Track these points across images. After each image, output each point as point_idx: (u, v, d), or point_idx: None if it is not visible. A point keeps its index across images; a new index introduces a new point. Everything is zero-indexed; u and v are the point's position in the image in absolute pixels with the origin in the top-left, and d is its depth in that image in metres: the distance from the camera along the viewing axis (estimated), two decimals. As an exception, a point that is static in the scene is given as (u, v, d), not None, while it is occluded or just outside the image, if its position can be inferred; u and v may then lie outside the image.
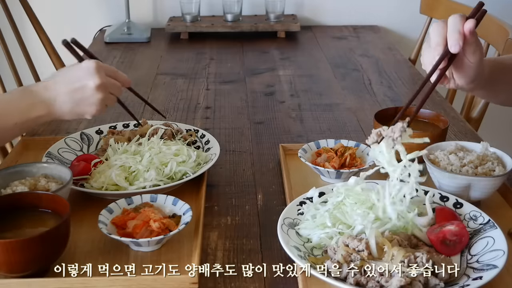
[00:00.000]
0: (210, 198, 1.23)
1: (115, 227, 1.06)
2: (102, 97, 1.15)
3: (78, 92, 1.13)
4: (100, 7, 2.61)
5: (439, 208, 1.09)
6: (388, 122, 1.30)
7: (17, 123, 1.12)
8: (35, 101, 1.12)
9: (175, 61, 2.18)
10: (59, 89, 1.13)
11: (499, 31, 1.85)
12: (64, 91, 1.13)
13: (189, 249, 1.05)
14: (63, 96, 1.13)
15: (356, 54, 2.23)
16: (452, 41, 1.02)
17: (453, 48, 1.01)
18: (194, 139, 1.40)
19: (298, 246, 1.01)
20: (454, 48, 1.01)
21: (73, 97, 1.13)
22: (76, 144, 1.36)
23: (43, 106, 1.13)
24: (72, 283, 0.95)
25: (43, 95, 1.12)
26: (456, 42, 1.01)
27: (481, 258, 0.98)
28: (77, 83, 1.13)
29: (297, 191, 1.19)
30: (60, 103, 1.14)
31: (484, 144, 1.21)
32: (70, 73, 1.14)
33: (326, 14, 2.64)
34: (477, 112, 1.88)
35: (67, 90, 1.13)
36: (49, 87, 1.13)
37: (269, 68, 2.09)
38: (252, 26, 2.45)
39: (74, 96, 1.13)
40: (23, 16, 2.24)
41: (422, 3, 2.33)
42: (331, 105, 1.75)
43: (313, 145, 1.34)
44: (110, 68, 1.19)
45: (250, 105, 1.76)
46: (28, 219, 1.02)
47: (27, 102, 1.12)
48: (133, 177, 1.21)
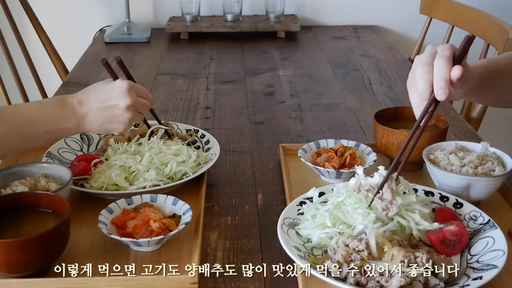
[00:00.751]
0: (210, 198, 1.23)
1: (115, 227, 1.06)
2: (131, 116, 1.18)
3: (109, 110, 1.16)
4: (100, 7, 2.61)
5: (439, 208, 1.09)
6: (390, 123, 1.31)
7: (48, 131, 1.15)
8: (67, 113, 1.15)
9: (175, 61, 2.18)
10: (91, 105, 1.16)
11: (499, 31, 1.85)
12: (96, 107, 1.16)
13: (189, 249, 1.05)
14: (94, 113, 1.16)
15: (356, 54, 2.23)
16: (439, 89, 0.99)
17: (439, 97, 0.99)
18: (194, 139, 1.40)
19: (298, 246, 1.01)
20: (440, 97, 0.99)
21: (104, 114, 1.17)
22: (76, 144, 1.36)
23: (74, 119, 1.16)
24: (72, 283, 0.95)
25: (76, 108, 1.15)
26: (442, 91, 0.99)
27: (481, 258, 0.98)
28: (109, 102, 1.16)
29: (297, 191, 1.19)
30: (90, 119, 1.16)
31: (484, 144, 1.21)
32: (103, 91, 1.17)
33: (326, 14, 2.64)
34: (477, 112, 1.88)
35: (98, 107, 1.16)
36: (83, 102, 1.16)
37: (269, 68, 2.09)
38: (252, 26, 2.45)
39: (104, 113, 1.16)
40: (23, 16, 2.24)
41: (422, 3, 2.33)
42: (331, 105, 1.75)
43: (313, 145, 1.34)
44: (141, 88, 1.22)
45: (250, 105, 1.76)
46: (28, 219, 1.02)
47: (60, 113, 1.15)
48: (133, 177, 1.21)
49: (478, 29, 2.00)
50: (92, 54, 2.26)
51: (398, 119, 1.37)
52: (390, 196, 1.01)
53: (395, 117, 1.37)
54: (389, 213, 1.01)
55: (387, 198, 1.01)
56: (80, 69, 2.10)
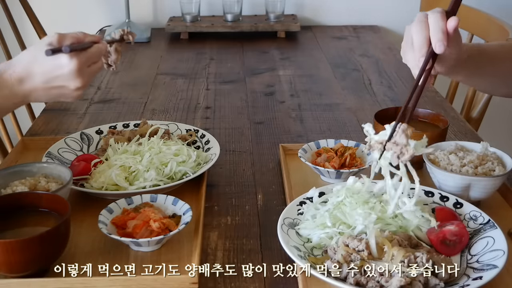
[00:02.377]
0: (210, 198, 1.23)
1: (115, 227, 1.06)
2: (81, 92, 1.10)
3: (57, 90, 1.08)
4: (100, 7, 2.61)
5: (439, 208, 1.09)
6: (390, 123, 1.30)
7: None
8: (7, 93, 1.06)
9: (175, 61, 2.18)
10: (35, 84, 1.06)
11: (499, 31, 1.85)
12: (41, 87, 1.07)
13: (189, 249, 1.05)
14: (39, 92, 1.07)
15: (356, 54, 2.23)
16: (436, 41, 1.00)
17: (438, 48, 1.00)
18: (194, 139, 1.40)
19: (298, 246, 1.01)
20: (439, 49, 1.00)
21: (51, 93, 1.08)
22: (76, 144, 1.36)
23: (18, 97, 1.07)
24: (72, 283, 0.95)
25: (15, 87, 1.06)
26: (441, 43, 1.00)
27: (481, 258, 0.98)
28: (56, 82, 1.06)
29: (297, 191, 1.19)
30: (35, 97, 1.08)
31: (484, 144, 1.21)
32: (48, 70, 1.05)
33: (326, 14, 2.64)
34: (477, 112, 1.88)
35: (44, 87, 1.07)
36: (24, 79, 1.06)
37: (269, 68, 2.09)
38: (252, 26, 2.44)
39: (51, 92, 1.08)
40: (23, 16, 2.24)
41: (422, 3, 2.33)
42: (331, 105, 1.75)
43: (313, 145, 1.34)
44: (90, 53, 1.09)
45: (250, 105, 1.76)
46: (28, 219, 1.02)
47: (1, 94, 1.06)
48: (133, 177, 1.21)
49: (478, 29, 2.00)
50: (92, 54, 2.26)
51: (398, 119, 1.36)
52: (405, 140, 0.97)
53: (395, 117, 1.36)
54: (403, 158, 0.97)
55: (401, 142, 0.98)
56: (80, 69, 2.10)
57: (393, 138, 0.98)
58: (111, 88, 1.89)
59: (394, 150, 0.97)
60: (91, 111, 1.70)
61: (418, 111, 1.37)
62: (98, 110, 1.71)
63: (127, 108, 1.73)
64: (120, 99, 1.80)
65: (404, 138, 0.98)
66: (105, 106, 1.74)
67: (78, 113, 1.69)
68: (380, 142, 1.00)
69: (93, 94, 1.83)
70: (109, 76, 1.99)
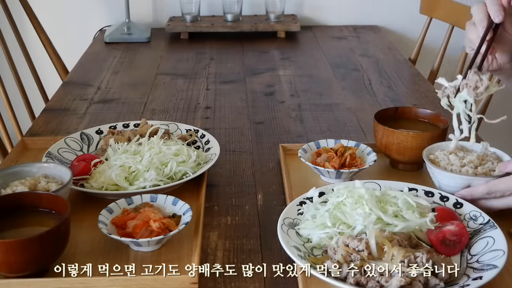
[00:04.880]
0: (210, 198, 1.23)
1: (115, 227, 1.06)
2: None
3: None
4: (100, 7, 2.62)
5: (439, 208, 1.09)
6: (390, 123, 1.31)
7: None
8: None
9: (175, 61, 2.18)
10: None
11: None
12: None
13: (189, 249, 1.05)
14: None
15: (356, 54, 2.23)
16: (494, 12, 1.11)
17: (496, 18, 1.11)
18: (194, 139, 1.40)
19: (298, 246, 1.01)
20: (497, 18, 1.11)
21: None
22: (76, 144, 1.36)
23: None
24: (72, 283, 0.95)
25: None
26: (498, 13, 1.11)
27: (481, 258, 0.98)
28: None
29: (297, 191, 1.19)
30: None
31: (484, 144, 1.22)
32: None
33: (326, 14, 2.64)
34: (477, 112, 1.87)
35: None
36: None
37: (269, 68, 2.09)
38: (252, 26, 2.45)
39: None
40: (23, 16, 2.25)
41: (422, 3, 2.33)
42: (331, 105, 1.75)
43: (313, 145, 1.34)
44: None
45: (250, 105, 1.76)
46: (28, 219, 1.02)
47: None
48: (133, 177, 1.21)
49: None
50: (92, 54, 2.26)
51: (398, 119, 1.37)
52: (477, 76, 1.12)
53: (395, 117, 1.37)
54: (478, 90, 1.11)
55: (474, 79, 1.12)
56: (80, 69, 2.10)
57: (465, 80, 1.14)
58: (111, 88, 1.89)
59: (470, 85, 1.12)
60: (91, 111, 1.71)
61: (418, 111, 1.38)
62: (98, 110, 1.71)
63: (127, 108, 1.73)
64: (120, 99, 1.80)
65: (476, 75, 1.13)
66: (105, 106, 1.74)
67: (78, 113, 1.69)
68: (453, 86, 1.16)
69: (93, 94, 1.84)
70: (109, 76, 1.99)
